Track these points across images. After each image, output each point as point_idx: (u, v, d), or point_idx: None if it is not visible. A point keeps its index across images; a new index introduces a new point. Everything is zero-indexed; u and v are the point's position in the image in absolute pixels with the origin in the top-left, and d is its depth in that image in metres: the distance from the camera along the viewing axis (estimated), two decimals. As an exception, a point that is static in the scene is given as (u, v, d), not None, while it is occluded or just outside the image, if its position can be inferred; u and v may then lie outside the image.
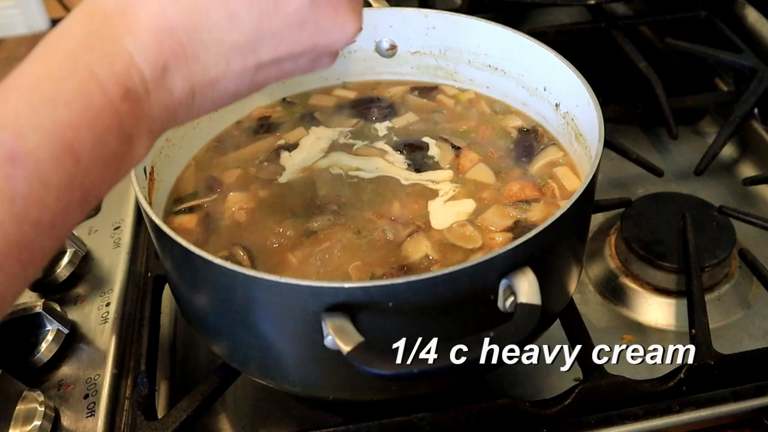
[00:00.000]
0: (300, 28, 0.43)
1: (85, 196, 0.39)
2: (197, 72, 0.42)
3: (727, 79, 1.02)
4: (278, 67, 0.45)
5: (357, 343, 0.46)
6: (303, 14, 0.43)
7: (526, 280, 0.49)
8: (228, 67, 0.43)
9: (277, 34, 0.43)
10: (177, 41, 0.41)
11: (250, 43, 0.43)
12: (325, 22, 0.44)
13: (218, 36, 0.42)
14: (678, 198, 0.80)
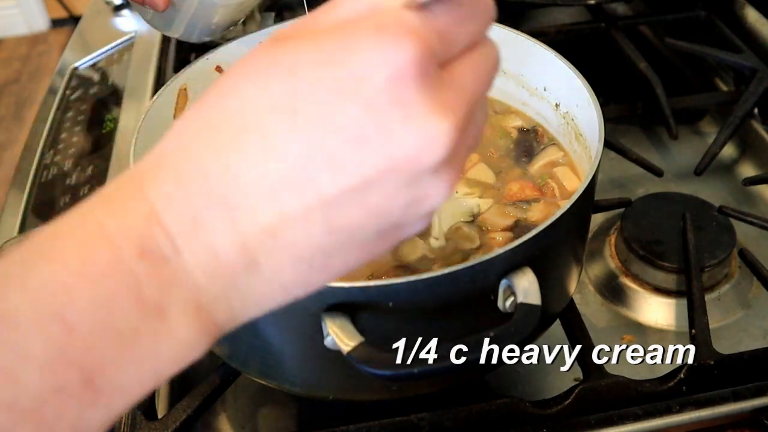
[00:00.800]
0: (360, 141, 0.31)
1: (87, 380, 0.29)
2: (241, 218, 0.31)
3: (727, 79, 1.02)
4: (361, 206, 0.32)
5: (357, 343, 0.46)
6: (359, 124, 0.31)
7: (526, 280, 0.49)
8: (281, 205, 0.31)
9: (333, 154, 0.31)
10: (206, 183, 0.31)
11: (299, 171, 0.31)
12: (394, 125, 0.31)
13: (256, 169, 0.31)
14: (678, 198, 0.80)
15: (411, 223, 0.35)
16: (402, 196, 0.33)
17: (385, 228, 0.34)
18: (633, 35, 1.05)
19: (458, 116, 0.32)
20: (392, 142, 0.31)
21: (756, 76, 0.91)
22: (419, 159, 0.32)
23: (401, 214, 0.33)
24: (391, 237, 0.35)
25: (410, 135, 0.31)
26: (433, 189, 0.33)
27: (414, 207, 0.33)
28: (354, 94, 0.31)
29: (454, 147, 0.32)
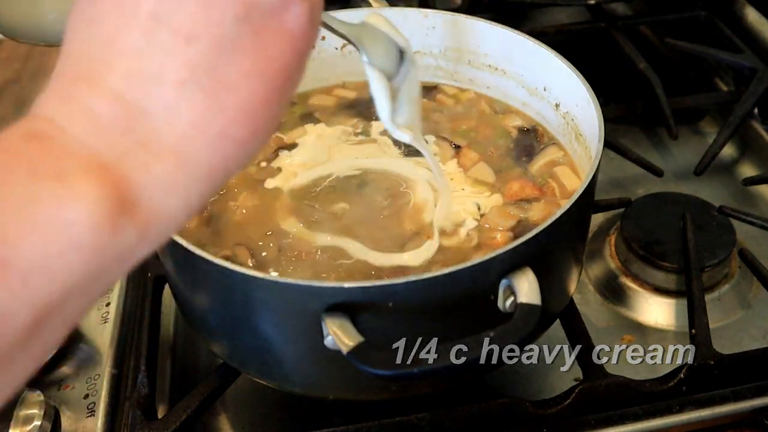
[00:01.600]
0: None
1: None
2: (101, 74, 0.33)
3: (727, 79, 1.02)
4: (194, 5, 0.33)
5: (357, 343, 0.46)
6: None
7: (526, 280, 0.49)
8: (132, 45, 0.33)
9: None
10: (70, 67, 0.35)
11: (132, 18, 0.33)
12: None
13: (102, 34, 0.34)
14: (678, 198, 0.80)
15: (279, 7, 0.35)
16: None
17: (239, 9, 0.34)
18: (633, 35, 1.05)
19: None
20: None
21: (756, 76, 0.91)
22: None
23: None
24: (259, 23, 0.34)
25: None
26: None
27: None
28: None
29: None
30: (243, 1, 0.34)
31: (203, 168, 0.34)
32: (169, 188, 0.33)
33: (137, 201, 0.32)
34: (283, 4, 0.35)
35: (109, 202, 0.31)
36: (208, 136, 0.34)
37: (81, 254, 0.30)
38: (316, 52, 0.78)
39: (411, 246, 0.61)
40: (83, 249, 0.30)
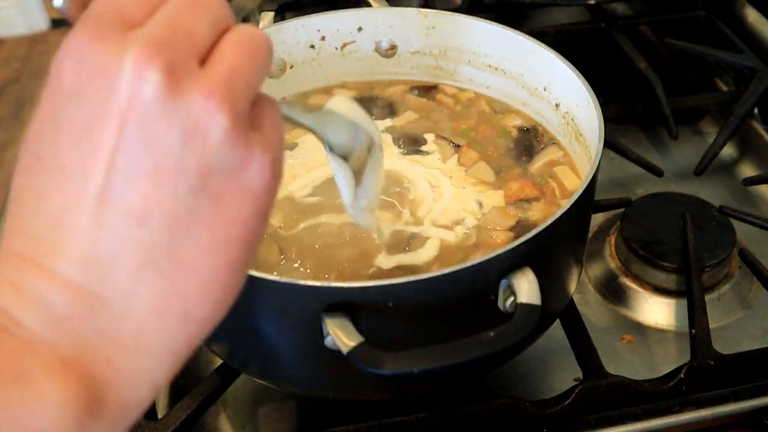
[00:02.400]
0: (78, 130, 0.31)
1: None
2: (51, 262, 0.31)
3: (727, 79, 1.02)
4: (138, 170, 0.31)
5: (357, 342, 0.46)
6: (79, 116, 0.31)
7: (526, 280, 0.49)
8: (76, 228, 0.31)
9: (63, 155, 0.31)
10: (11, 252, 0.32)
11: (69, 198, 0.31)
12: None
13: (37, 218, 0.31)
14: (678, 198, 0.80)
15: (222, 159, 0.31)
16: (168, 127, 0.30)
17: (193, 180, 0.31)
18: (633, 35, 1.05)
19: (158, 44, 0.31)
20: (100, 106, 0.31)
21: (756, 76, 0.91)
22: (134, 92, 0.30)
23: (185, 151, 0.31)
24: (217, 189, 0.32)
25: (115, 83, 0.30)
26: (197, 106, 0.31)
27: (194, 138, 0.31)
28: (73, 96, 0.31)
29: (175, 70, 0.31)
30: (196, 171, 0.31)
31: (166, 352, 0.32)
32: (135, 379, 0.31)
33: (103, 398, 0.30)
34: (241, 162, 0.32)
35: (75, 404, 0.29)
36: (169, 320, 0.32)
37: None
38: (315, 52, 0.78)
39: (415, 245, 0.61)
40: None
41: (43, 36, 3.57)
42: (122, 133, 0.30)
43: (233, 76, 0.33)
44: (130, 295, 0.31)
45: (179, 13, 0.33)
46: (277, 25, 0.76)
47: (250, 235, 0.33)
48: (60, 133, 0.31)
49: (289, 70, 0.78)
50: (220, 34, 0.34)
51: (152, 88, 0.30)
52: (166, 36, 0.31)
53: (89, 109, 0.31)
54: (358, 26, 0.77)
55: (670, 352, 0.70)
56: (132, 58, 0.30)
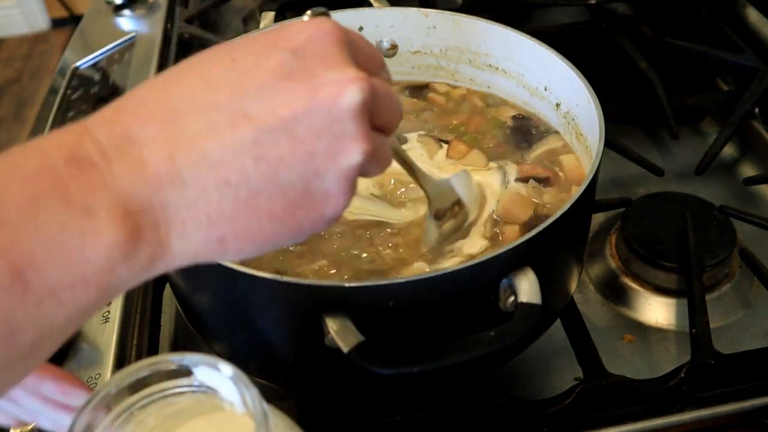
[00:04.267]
0: (288, 77, 0.36)
1: (15, 271, 0.31)
2: (172, 133, 0.35)
3: (728, 79, 1.02)
4: (287, 137, 0.36)
5: (357, 342, 0.46)
6: (288, 64, 0.36)
7: (527, 280, 0.49)
8: (211, 123, 0.35)
9: (264, 85, 0.36)
10: (143, 108, 0.35)
11: (233, 98, 0.36)
12: (316, 68, 0.37)
13: (193, 99, 0.36)
14: (679, 198, 0.80)
15: (330, 179, 0.37)
16: (323, 135, 0.36)
17: (307, 175, 0.36)
18: (634, 35, 1.05)
19: (374, 88, 0.37)
20: (316, 80, 0.36)
21: (757, 76, 0.91)
22: (339, 98, 0.36)
23: (322, 160, 0.36)
24: (313, 195, 0.37)
25: (331, 77, 0.36)
26: (351, 139, 0.37)
27: (333, 155, 0.37)
28: (284, 45, 0.37)
29: (369, 101, 0.37)
30: (316, 169, 0.36)
31: (189, 253, 0.37)
32: (166, 248, 0.36)
33: (142, 251, 0.35)
34: (335, 189, 0.38)
35: (121, 248, 0.33)
36: (210, 234, 0.36)
37: (88, 290, 0.33)
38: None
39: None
40: (90, 286, 0.33)
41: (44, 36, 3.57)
42: (304, 104, 0.36)
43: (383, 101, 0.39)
44: (203, 195, 0.35)
45: (388, 92, 0.40)
46: (277, 25, 0.76)
47: (300, 235, 0.38)
48: (265, 58, 0.37)
49: (290, 70, 0.78)
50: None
51: (347, 99, 0.36)
52: (378, 91, 0.38)
53: (300, 69, 0.36)
54: (359, 26, 0.77)
55: (670, 352, 0.70)
56: (357, 76, 0.37)
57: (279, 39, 0.37)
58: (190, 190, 0.35)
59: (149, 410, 0.42)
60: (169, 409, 0.42)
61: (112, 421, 0.40)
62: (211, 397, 0.42)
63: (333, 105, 0.36)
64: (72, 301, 0.33)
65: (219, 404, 0.42)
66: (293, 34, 0.37)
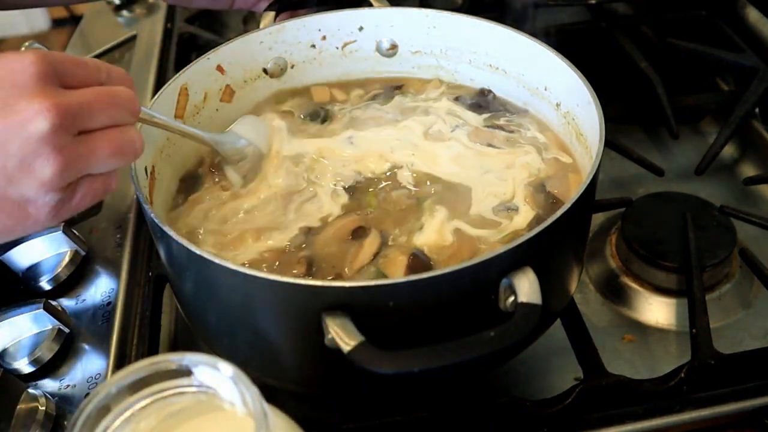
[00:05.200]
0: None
1: None
2: None
3: (728, 79, 1.02)
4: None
5: (357, 342, 0.46)
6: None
7: (527, 280, 0.49)
8: None
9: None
10: None
11: None
12: (10, 98, 0.45)
13: None
14: (679, 198, 0.80)
15: (28, 187, 0.45)
16: (14, 154, 0.44)
17: (3, 184, 0.45)
18: (634, 35, 1.05)
19: (66, 112, 0.45)
20: (8, 109, 0.44)
21: (757, 76, 0.91)
22: (27, 124, 0.44)
23: (15, 172, 0.45)
24: (11, 199, 0.46)
25: (22, 106, 0.44)
26: (42, 157, 0.45)
27: (26, 169, 0.45)
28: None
29: (59, 129, 0.45)
30: (10, 178, 0.45)
31: None
32: None
33: None
34: (35, 196, 0.46)
35: None
36: None
37: None
38: (316, 52, 0.78)
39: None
40: None
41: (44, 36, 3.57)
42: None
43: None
44: None
45: (98, 99, 0.48)
46: (278, 25, 0.76)
47: (10, 225, 0.47)
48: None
49: (290, 70, 0.78)
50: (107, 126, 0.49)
51: (34, 125, 0.45)
52: (74, 110, 0.46)
53: (1, 97, 0.45)
54: (359, 26, 0.77)
55: (670, 352, 0.70)
56: (43, 106, 0.45)
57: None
58: None
59: (149, 410, 0.42)
60: (169, 409, 0.42)
61: (112, 421, 0.40)
62: (211, 397, 0.42)
63: (22, 130, 0.44)
64: None
65: (219, 404, 0.42)
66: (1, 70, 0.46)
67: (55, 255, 0.74)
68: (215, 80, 0.73)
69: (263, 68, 0.77)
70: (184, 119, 0.70)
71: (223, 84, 0.74)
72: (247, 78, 0.76)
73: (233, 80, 0.75)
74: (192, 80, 0.70)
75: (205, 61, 0.72)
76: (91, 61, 0.51)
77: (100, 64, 0.51)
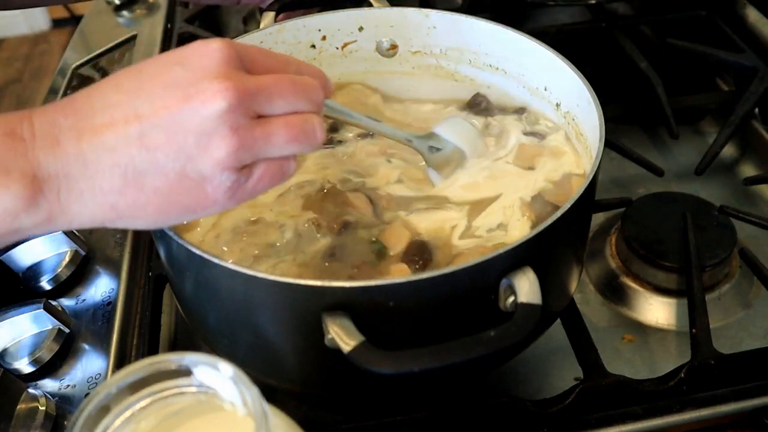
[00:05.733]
0: (172, 84, 0.45)
1: None
2: (82, 121, 0.45)
3: (728, 79, 1.02)
4: (166, 130, 0.45)
5: (358, 342, 0.46)
6: (175, 73, 0.46)
7: (527, 280, 0.49)
8: (112, 118, 0.45)
9: (153, 91, 0.45)
10: (71, 103, 0.46)
11: (129, 100, 0.45)
12: (196, 78, 0.46)
13: (104, 98, 0.46)
14: (679, 198, 0.80)
15: (205, 165, 0.45)
16: (193, 131, 0.44)
17: (181, 161, 0.45)
18: (634, 35, 1.05)
19: (244, 93, 0.45)
20: (192, 88, 0.45)
21: (757, 76, 0.91)
22: (206, 103, 0.44)
23: (193, 150, 0.45)
24: (190, 176, 0.45)
25: (204, 86, 0.45)
26: (218, 136, 0.45)
27: (204, 146, 0.45)
28: (176, 60, 0.46)
29: (235, 110, 0.45)
30: (189, 156, 0.45)
31: (86, 216, 0.46)
32: (64, 210, 0.45)
33: (42, 206, 0.44)
34: (211, 174, 0.46)
35: (24, 200, 0.43)
36: (104, 201, 0.45)
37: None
38: (316, 52, 0.78)
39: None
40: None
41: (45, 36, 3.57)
42: (178, 106, 0.45)
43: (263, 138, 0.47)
44: (99, 172, 0.45)
45: (278, 84, 0.48)
46: (278, 25, 0.76)
47: (184, 215, 0.47)
48: (160, 69, 0.46)
49: (290, 70, 0.78)
50: (288, 113, 0.49)
51: (213, 104, 0.45)
52: (253, 93, 0.46)
53: (182, 78, 0.45)
54: (359, 26, 0.77)
55: (670, 352, 0.70)
56: (224, 86, 0.45)
57: (176, 55, 0.47)
58: (89, 168, 0.44)
59: (149, 410, 0.42)
60: (169, 409, 0.42)
61: (112, 421, 0.40)
62: (211, 397, 0.42)
63: (202, 108, 0.44)
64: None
65: (219, 404, 0.42)
66: (186, 51, 0.47)
67: (55, 255, 0.74)
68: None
69: (263, 68, 0.77)
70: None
71: (223, 84, 0.74)
72: (247, 78, 0.76)
73: (233, 80, 0.75)
74: (192, 80, 0.70)
75: (205, 61, 0.72)
76: (281, 54, 0.51)
77: (289, 57, 0.51)
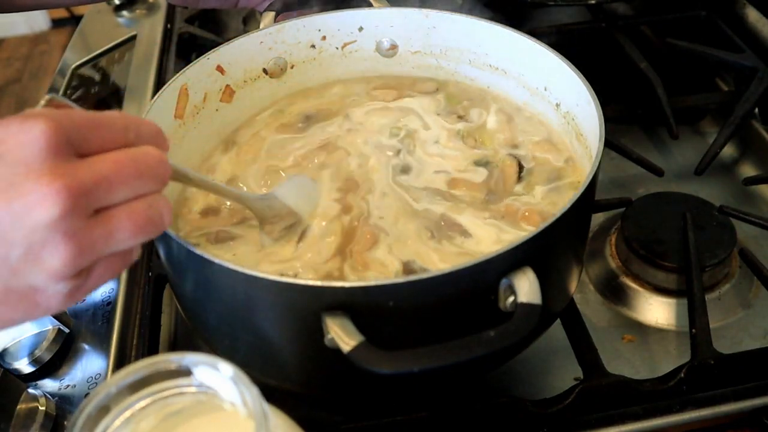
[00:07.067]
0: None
1: None
2: None
3: (728, 79, 1.02)
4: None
5: (357, 342, 0.46)
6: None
7: (527, 280, 0.49)
8: None
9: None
10: None
11: None
12: (17, 176, 0.38)
13: None
14: (678, 198, 0.80)
15: (37, 277, 0.39)
16: (19, 243, 0.38)
17: (5, 276, 0.39)
18: (634, 35, 1.05)
19: (79, 192, 0.39)
20: (13, 191, 0.38)
21: (756, 76, 0.91)
22: (33, 210, 0.38)
23: (20, 263, 0.39)
24: (17, 291, 0.40)
25: (29, 188, 0.38)
26: (50, 248, 0.39)
27: (33, 259, 0.39)
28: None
29: (70, 215, 0.38)
30: (14, 270, 0.39)
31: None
32: None
33: None
34: (44, 286, 0.40)
35: None
36: None
37: None
38: (316, 52, 0.78)
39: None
40: None
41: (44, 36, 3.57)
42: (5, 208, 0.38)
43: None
44: None
45: (118, 170, 0.41)
46: (278, 25, 0.76)
47: (16, 316, 0.42)
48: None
49: (290, 70, 0.78)
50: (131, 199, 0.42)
51: (42, 212, 0.38)
52: (89, 188, 0.39)
53: (1, 177, 0.38)
54: (359, 26, 0.77)
55: (670, 352, 0.71)
56: (52, 190, 0.38)
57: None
58: None
59: (149, 410, 0.42)
60: (169, 409, 0.42)
61: (112, 421, 0.40)
62: (211, 397, 0.42)
63: (27, 216, 0.38)
64: None
65: (219, 404, 0.42)
66: (1, 136, 0.39)
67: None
68: (215, 80, 0.73)
69: (263, 68, 0.77)
70: (184, 119, 0.70)
71: (223, 84, 0.74)
72: (247, 78, 0.76)
73: (233, 80, 0.75)
74: (192, 80, 0.70)
75: (205, 61, 0.72)
76: (119, 120, 0.43)
77: (128, 123, 0.43)
